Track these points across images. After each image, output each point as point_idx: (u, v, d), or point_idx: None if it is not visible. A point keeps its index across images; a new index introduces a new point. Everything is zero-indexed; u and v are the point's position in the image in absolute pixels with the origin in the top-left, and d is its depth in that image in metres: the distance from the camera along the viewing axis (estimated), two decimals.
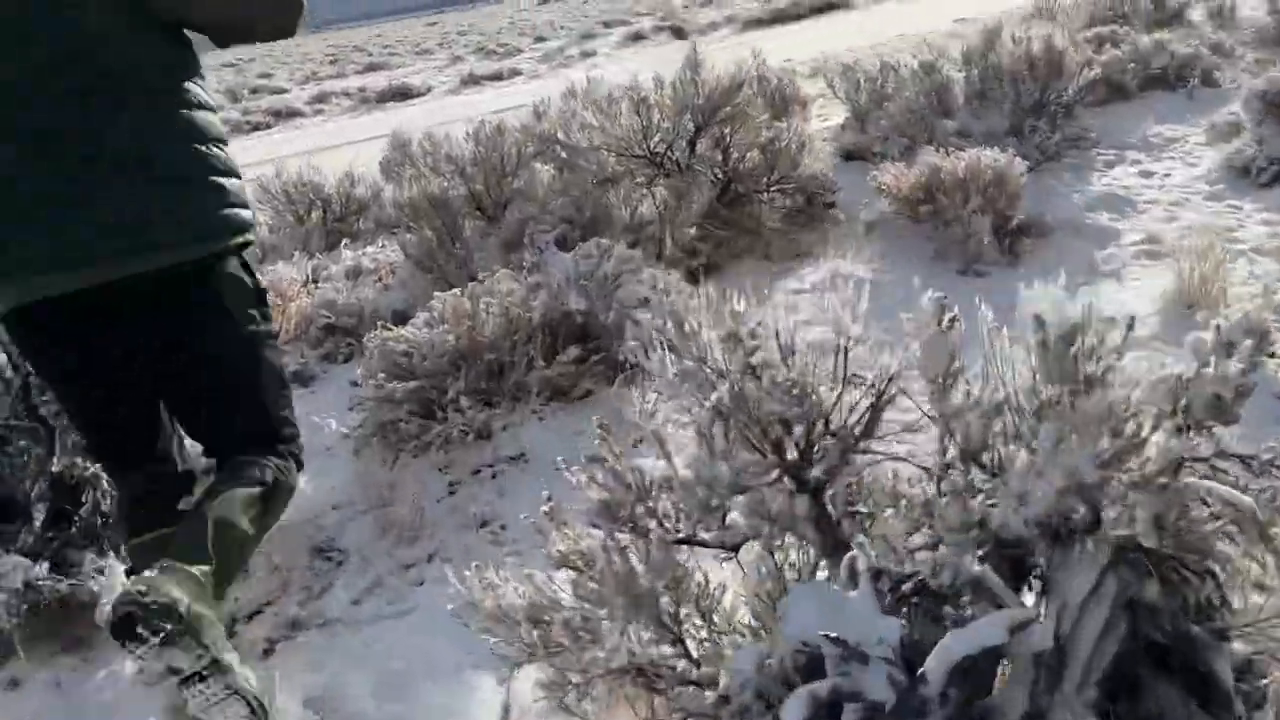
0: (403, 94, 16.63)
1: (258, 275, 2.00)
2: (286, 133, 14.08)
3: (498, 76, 17.70)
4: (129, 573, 1.85)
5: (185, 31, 1.84)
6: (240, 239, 1.89)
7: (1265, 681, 1.21)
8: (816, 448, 1.36)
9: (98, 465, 2.27)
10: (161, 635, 1.56)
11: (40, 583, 2.19)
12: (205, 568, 1.70)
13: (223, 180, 1.84)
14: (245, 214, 1.90)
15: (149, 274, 1.76)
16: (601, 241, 3.49)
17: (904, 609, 1.26)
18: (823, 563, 1.39)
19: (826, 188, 4.66)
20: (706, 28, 21.52)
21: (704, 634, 1.46)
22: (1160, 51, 6.21)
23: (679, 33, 14.43)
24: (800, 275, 4.01)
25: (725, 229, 4.42)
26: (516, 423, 2.94)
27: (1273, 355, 2.61)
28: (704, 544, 1.45)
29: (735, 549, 1.44)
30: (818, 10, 21.52)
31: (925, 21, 15.15)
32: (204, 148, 1.82)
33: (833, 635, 1.17)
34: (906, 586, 1.26)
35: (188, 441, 2.10)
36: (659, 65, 15.45)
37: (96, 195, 1.69)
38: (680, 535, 1.43)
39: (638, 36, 22.08)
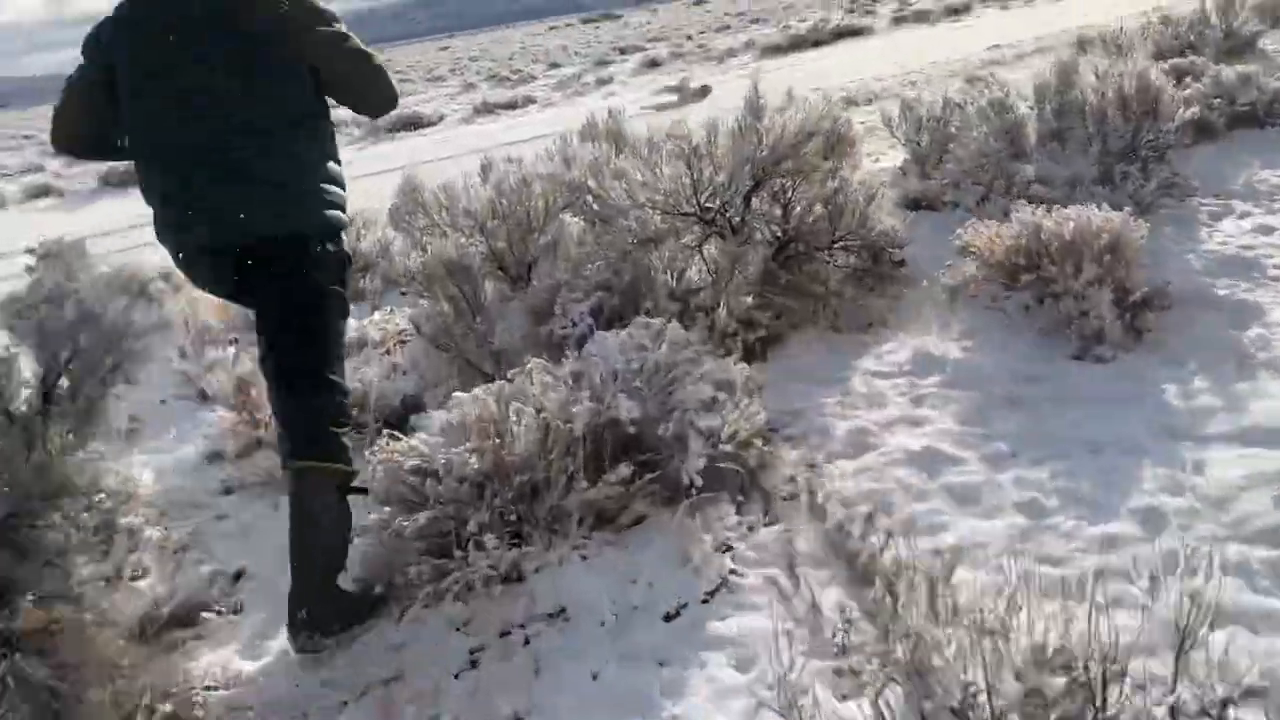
0: (413, 123, 16.17)
1: (345, 249, 2.69)
2: None
3: (511, 105, 17.27)
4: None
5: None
6: (331, 232, 2.61)
7: None
8: None
9: None
10: None
11: None
12: None
13: (328, 187, 2.59)
14: (342, 215, 2.65)
15: (265, 242, 2.49)
16: (650, 322, 2.92)
17: None
18: None
19: (895, 244, 4.08)
20: (725, 54, 21.10)
21: None
22: (1246, 86, 5.63)
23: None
24: (878, 352, 3.42)
25: (784, 294, 3.84)
26: (553, 562, 2.34)
27: None
28: None
29: None
30: (838, 36, 21.11)
31: (953, 49, 14.64)
32: (316, 167, 2.58)
33: None
34: None
35: None
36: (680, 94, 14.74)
37: (241, 191, 2.45)
38: None
39: (653, 63, 21.67)
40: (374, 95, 2.66)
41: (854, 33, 21.24)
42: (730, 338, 3.53)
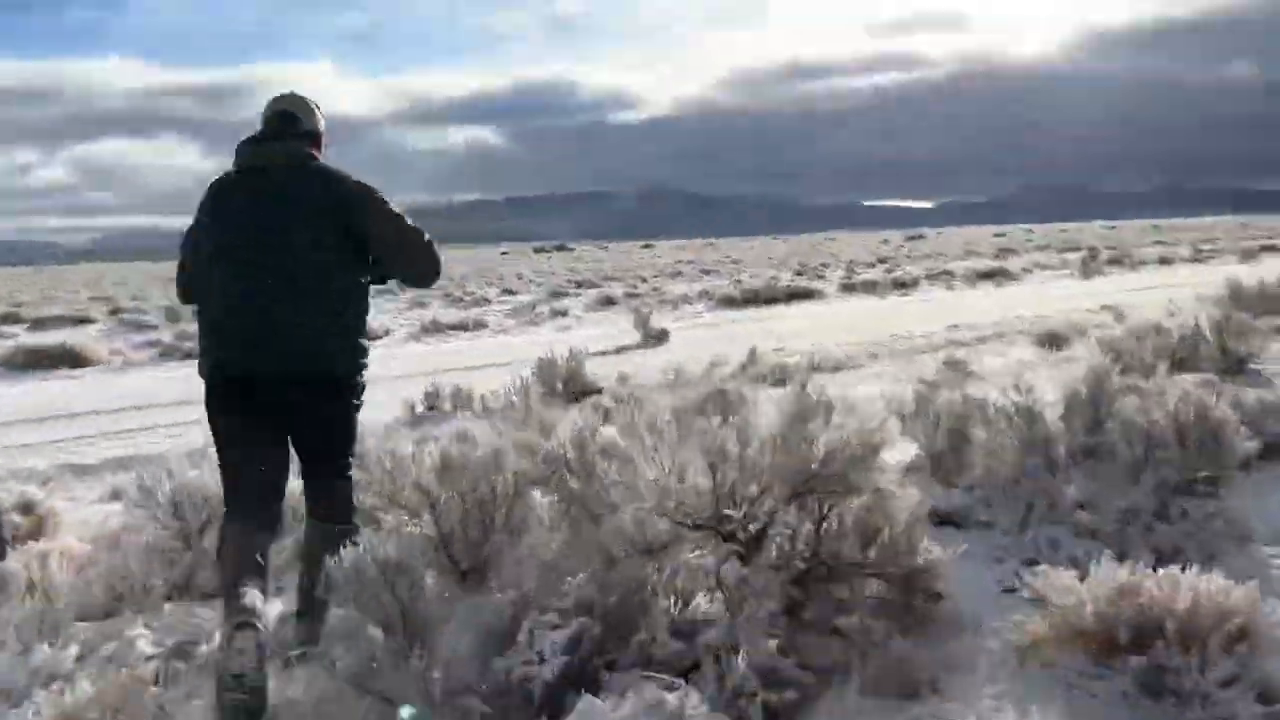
0: None
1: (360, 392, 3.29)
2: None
3: (463, 326, 16.89)
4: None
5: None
6: (357, 374, 3.22)
7: None
8: None
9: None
10: None
11: None
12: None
13: (358, 342, 3.20)
14: (366, 361, 3.24)
15: (295, 377, 3.05)
16: (665, 699, 2.08)
17: None
18: None
19: (935, 572, 3.36)
20: (680, 299, 21.35)
21: None
22: (1271, 414, 5.28)
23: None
24: None
25: (805, 628, 3.05)
26: None
27: None
28: None
29: None
30: (790, 296, 21.60)
31: (910, 324, 14.78)
32: (349, 324, 3.17)
33: None
34: None
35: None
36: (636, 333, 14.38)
37: (280, 337, 3.02)
38: None
39: (609, 301, 21.79)
40: (425, 264, 3.25)
41: (805, 294, 21.80)
42: (749, 698, 2.69)
